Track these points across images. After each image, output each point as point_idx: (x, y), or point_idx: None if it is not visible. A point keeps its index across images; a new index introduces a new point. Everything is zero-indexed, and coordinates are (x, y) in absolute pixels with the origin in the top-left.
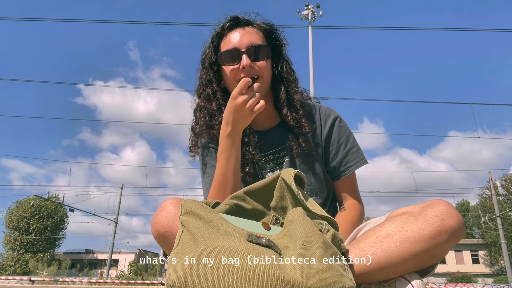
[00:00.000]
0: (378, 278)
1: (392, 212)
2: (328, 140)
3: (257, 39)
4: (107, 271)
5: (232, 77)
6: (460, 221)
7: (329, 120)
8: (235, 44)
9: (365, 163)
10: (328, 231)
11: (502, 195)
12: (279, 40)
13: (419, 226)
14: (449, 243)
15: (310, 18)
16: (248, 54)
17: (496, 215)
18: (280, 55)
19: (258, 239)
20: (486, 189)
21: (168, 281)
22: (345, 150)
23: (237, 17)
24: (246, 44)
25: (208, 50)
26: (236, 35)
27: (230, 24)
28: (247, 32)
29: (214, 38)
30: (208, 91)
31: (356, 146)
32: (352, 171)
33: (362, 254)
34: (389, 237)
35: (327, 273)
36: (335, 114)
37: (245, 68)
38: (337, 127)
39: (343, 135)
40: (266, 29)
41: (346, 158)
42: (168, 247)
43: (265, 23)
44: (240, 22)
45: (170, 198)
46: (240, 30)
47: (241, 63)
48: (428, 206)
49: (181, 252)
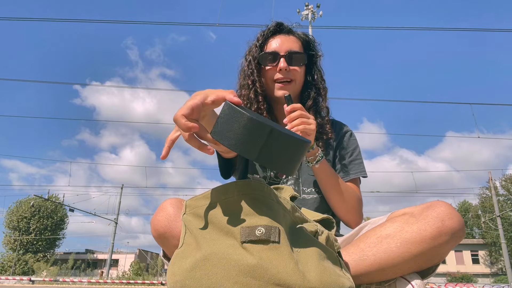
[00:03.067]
0: (379, 279)
1: (392, 213)
2: (337, 149)
3: (295, 47)
4: (107, 271)
5: (269, 76)
6: (461, 222)
7: (342, 132)
8: (276, 48)
9: (364, 175)
10: (323, 232)
11: (502, 195)
12: (315, 51)
13: (419, 227)
14: (450, 244)
15: (310, 18)
16: (286, 58)
17: (496, 215)
18: (315, 64)
19: (252, 234)
20: (486, 189)
21: (168, 284)
22: (349, 159)
23: (282, 24)
24: (286, 50)
25: (254, 48)
26: (278, 40)
27: (275, 28)
28: (288, 39)
29: (260, 38)
30: (249, 81)
31: (359, 159)
32: (352, 178)
33: (363, 254)
34: (389, 237)
35: (326, 275)
36: (347, 128)
37: (281, 70)
38: (347, 139)
39: (350, 147)
40: (305, 39)
41: (348, 166)
42: (168, 248)
43: (305, 34)
44: (283, 29)
45: (170, 198)
46: (282, 37)
47: (279, 65)
48: (429, 207)
49: (182, 254)
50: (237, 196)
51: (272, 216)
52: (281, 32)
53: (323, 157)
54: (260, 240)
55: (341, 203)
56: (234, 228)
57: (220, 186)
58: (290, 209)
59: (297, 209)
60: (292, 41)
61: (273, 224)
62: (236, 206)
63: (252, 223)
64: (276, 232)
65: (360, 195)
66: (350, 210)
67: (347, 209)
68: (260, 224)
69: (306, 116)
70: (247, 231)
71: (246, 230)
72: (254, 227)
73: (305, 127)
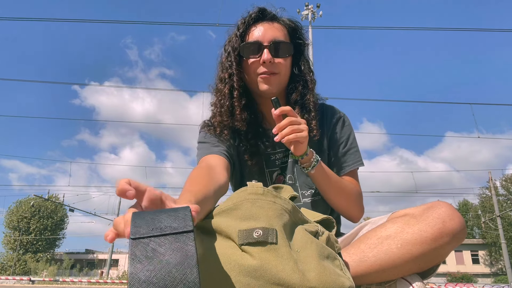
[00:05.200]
0: (379, 279)
1: (393, 213)
2: (331, 140)
3: (280, 36)
4: (107, 271)
5: (252, 69)
6: (462, 223)
7: (334, 120)
8: (258, 37)
9: (360, 165)
10: (323, 233)
11: (502, 195)
12: (302, 39)
13: (420, 228)
14: (451, 245)
15: (310, 18)
16: (270, 49)
17: (496, 215)
18: (301, 54)
19: (249, 236)
20: (486, 189)
21: None
22: (344, 150)
23: (265, 10)
24: (269, 39)
25: (234, 37)
26: (260, 28)
27: (257, 15)
28: (272, 27)
29: (241, 26)
30: (226, 75)
31: (354, 147)
32: (347, 171)
33: (363, 255)
34: (390, 238)
35: (326, 274)
36: (339, 113)
37: (265, 63)
38: (340, 127)
39: (344, 135)
40: (291, 26)
41: (343, 157)
42: None
43: (291, 20)
44: (267, 15)
45: None
46: (266, 24)
47: (262, 57)
48: (430, 208)
49: None
50: (237, 203)
51: (269, 218)
52: (264, 19)
53: (319, 161)
54: (258, 242)
55: (341, 201)
56: (232, 231)
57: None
58: (291, 209)
59: (297, 210)
60: (276, 29)
61: (271, 225)
62: (234, 210)
63: (249, 226)
64: (273, 234)
65: (359, 187)
66: (351, 206)
67: (348, 206)
68: (257, 226)
69: (297, 122)
70: (244, 234)
71: (243, 233)
72: (251, 230)
73: (296, 136)
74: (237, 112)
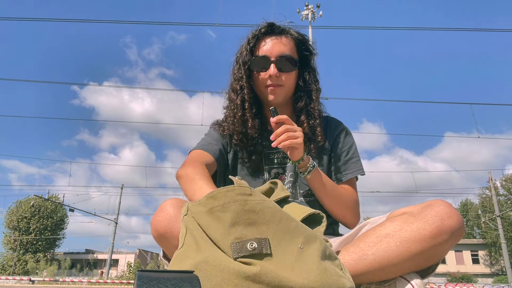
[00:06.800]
0: (378, 278)
1: (392, 212)
2: (333, 148)
3: (287, 50)
4: (107, 271)
5: (260, 82)
6: (460, 221)
7: (337, 131)
8: (266, 51)
9: (361, 173)
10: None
11: (502, 195)
12: (309, 51)
13: (419, 226)
14: (449, 243)
15: (310, 18)
16: (276, 64)
17: (496, 215)
18: (308, 64)
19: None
20: (486, 189)
21: None
22: (346, 158)
23: (274, 24)
24: (276, 54)
25: (244, 50)
26: (269, 42)
27: (266, 30)
28: (280, 42)
29: (251, 41)
30: (237, 86)
31: (356, 157)
32: (349, 178)
33: (362, 254)
34: (389, 236)
35: (327, 275)
36: (343, 126)
37: (271, 77)
38: (343, 138)
39: (346, 145)
40: (298, 39)
41: (345, 165)
42: (168, 248)
43: (298, 33)
44: (275, 30)
45: (170, 198)
46: (274, 38)
47: (269, 71)
48: (428, 206)
49: (182, 255)
50: (225, 204)
51: (259, 224)
52: (273, 34)
53: (315, 166)
54: (252, 255)
55: (337, 208)
56: (224, 244)
57: (212, 192)
58: None
59: None
60: (283, 44)
61: (262, 233)
62: (223, 212)
63: (242, 236)
64: (267, 244)
65: (357, 196)
66: (346, 213)
67: (343, 213)
68: (249, 237)
69: (292, 129)
70: (237, 246)
71: (236, 246)
72: (244, 242)
73: (291, 142)
74: (249, 121)
